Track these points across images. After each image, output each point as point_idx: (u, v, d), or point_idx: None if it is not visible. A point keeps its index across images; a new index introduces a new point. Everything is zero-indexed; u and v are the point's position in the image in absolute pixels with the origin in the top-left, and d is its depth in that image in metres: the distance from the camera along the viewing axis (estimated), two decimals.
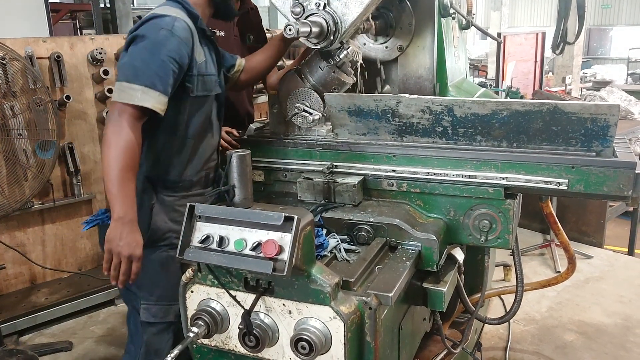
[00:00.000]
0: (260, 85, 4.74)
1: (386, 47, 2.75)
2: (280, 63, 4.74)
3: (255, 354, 1.70)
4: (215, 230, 1.61)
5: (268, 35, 5.06)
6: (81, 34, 9.09)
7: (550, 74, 10.52)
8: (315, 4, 2.13)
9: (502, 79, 7.08)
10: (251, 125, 2.66)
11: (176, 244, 2.05)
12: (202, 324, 1.68)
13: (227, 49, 2.89)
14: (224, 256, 1.58)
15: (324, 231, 2.01)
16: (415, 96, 2.19)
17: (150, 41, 1.98)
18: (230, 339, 1.74)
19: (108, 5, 8.70)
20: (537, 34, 7.97)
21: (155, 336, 2.24)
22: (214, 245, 1.59)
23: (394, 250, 2.00)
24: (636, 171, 1.86)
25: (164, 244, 2.16)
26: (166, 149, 2.15)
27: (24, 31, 4.56)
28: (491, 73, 9.61)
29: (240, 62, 2.50)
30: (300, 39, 2.19)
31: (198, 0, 2.20)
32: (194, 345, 1.86)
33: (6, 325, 3.58)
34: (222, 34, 2.88)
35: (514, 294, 2.50)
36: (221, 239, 1.59)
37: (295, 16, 2.14)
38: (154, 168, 2.14)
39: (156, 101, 1.95)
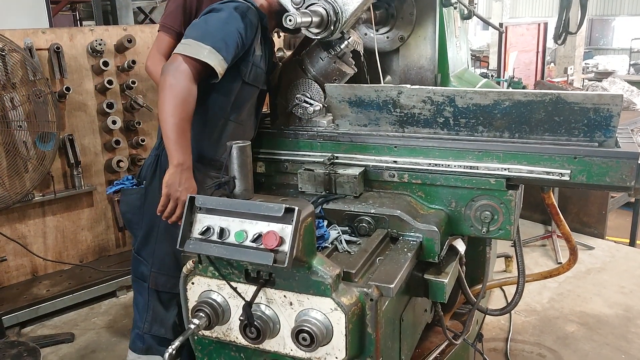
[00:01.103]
0: None
1: (387, 37, 2.73)
2: (280, 54, 4.72)
3: (256, 346, 1.70)
4: (216, 221, 1.60)
5: None
6: (81, 25, 9.05)
7: (552, 64, 10.48)
8: None
9: (504, 70, 7.05)
10: None
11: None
12: (203, 315, 1.68)
13: None
14: (224, 248, 1.58)
15: (325, 222, 2.01)
16: (417, 87, 2.18)
17: (226, 13, 2.13)
18: (231, 331, 1.74)
19: None
20: (539, 24, 7.93)
21: (162, 305, 2.30)
22: (215, 237, 1.59)
23: (395, 241, 2.00)
24: (639, 161, 1.85)
25: None
26: (209, 125, 2.23)
27: (24, 22, 4.53)
28: (493, 64, 9.57)
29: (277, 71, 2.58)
30: (301, 29, 2.18)
31: (265, 9, 2.30)
32: (195, 337, 1.86)
33: (8, 317, 3.59)
34: None
35: (515, 285, 2.50)
36: (222, 230, 1.58)
37: (295, 6, 2.12)
38: (193, 139, 2.14)
39: (219, 64, 2.04)
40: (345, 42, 2.27)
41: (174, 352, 1.59)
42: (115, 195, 2.30)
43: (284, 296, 1.64)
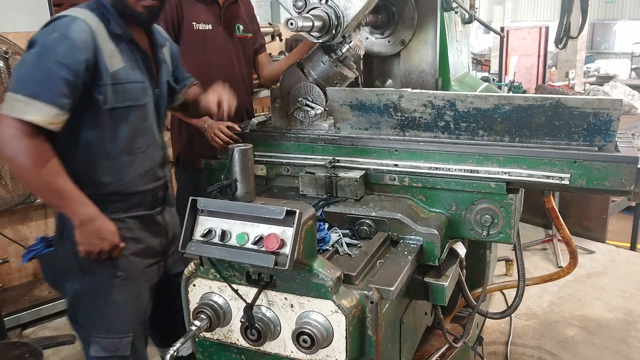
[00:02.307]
0: None
1: (388, 41, 2.74)
2: (275, 55, 4.73)
3: (257, 348, 1.71)
4: (218, 224, 1.61)
5: (270, 29, 5.06)
6: None
7: (554, 68, 10.47)
8: None
9: (505, 74, 7.06)
10: (253, 119, 2.65)
11: (117, 268, 1.98)
12: (204, 317, 1.68)
13: (215, 42, 2.88)
14: (226, 250, 1.58)
15: (326, 225, 2.02)
16: (418, 90, 2.19)
17: (40, 46, 1.78)
18: (232, 333, 1.75)
19: None
20: (540, 29, 7.94)
21: None
22: (216, 239, 1.60)
23: (395, 244, 2.00)
24: (639, 166, 1.86)
25: (102, 269, 1.98)
26: (93, 166, 1.95)
27: (27, 25, 4.54)
28: (494, 67, 9.58)
29: (189, 91, 2.36)
30: (302, 33, 2.19)
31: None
32: (196, 339, 1.86)
33: (10, 319, 3.60)
34: (209, 27, 2.85)
35: (516, 289, 2.50)
36: (223, 232, 1.59)
37: (297, 10, 2.14)
38: (86, 186, 1.90)
39: (42, 114, 1.73)
40: (347, 46, 2.29)
41: (175, 354, 1.60)
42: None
43: (285, 298, 1.65)
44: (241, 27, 3.00)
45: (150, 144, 2.09)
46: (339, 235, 1.96)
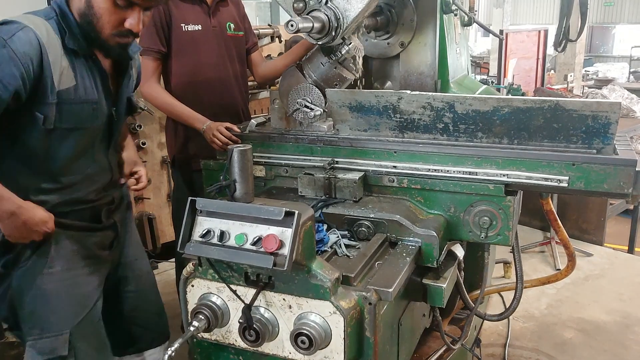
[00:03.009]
0: None
1: (388, 43, 2.75)
2: (274, 56, 4.73)
3: (255, 348, 1.71)
4: (216, 224, 1.61)
5: (269, 31, 5.06)
6: None
7: (552, 71, 10.50)
8: None
9: (504, 76, 7.07)
10: (252, 120, 2.66)
11: (47, 255, 1.82)
12: (203, 318, 1.68)
13: (205, 42, 2.88)
14: (224, 250, 1.59)
15: (325, 226, 2.02)
16: (417, 92, 2.19)
17: None
18: (231, 333, 1.75)
19: None
20: (539, 32, 7.96)
21: None
22: (215, 240, 1.60)
23: (394, 246, 2.00)
24: (637, 169, 1.86)
25: (31, 258, 1.85)
26: (31, 177, 1.83)
27: None
28: (493, 70, 9.60)
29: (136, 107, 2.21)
30: (302, 35, 2.19)
31: (89, 12, 1.76)
32: (194, 340, 1.86)
33: None
34: (199, 27, 2.85)
35: (514, 291, 2.50)
36: (222, 233, 1.59)
37: (297, 12, 2.14)
38: (22, 193, 1.78)
39: None
40: (346, 48, 2.29)
41: (173, 354, 1.60)
42: None
43: (283, 299, 1.65)
44: (232, 25, 2.98)
45: (94, 167, 1.96)
46: (338, 237, 1.96)
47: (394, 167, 2.19)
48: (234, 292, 1.68)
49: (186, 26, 2.81)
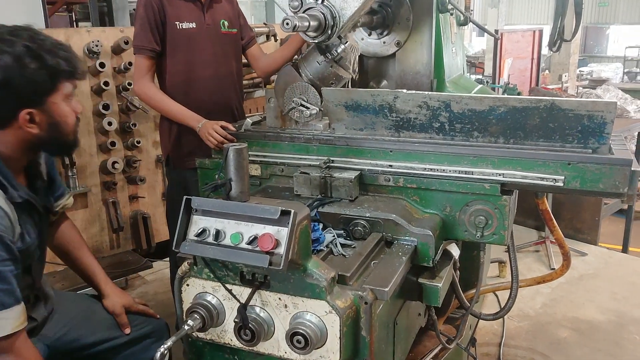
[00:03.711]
0: (258, 80, 4.73)
1: (384, 42, 2.74)
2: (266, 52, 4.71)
3: (250, 348, 1.70)
4: (212, 223, 1.61)
5: (265, 29, 5.05)
6: (77, 26, 9.04)
7: (547, 71, 10.54)
8: None
9: (499, 76, 7.10)
10: (248, 119, 2.65)
11: None
12: (198, 317, 1.68)
13: (200, 40, 2.87)
14: (220, 250, 1.58)
15: (320, 226, 2.02)
16: (413, 91, 2.19)
17: None
18: (226, 333, 1.74)
19: None
20: (534, 32, 7.99)
21: None
22: (210, 239, 1.59)
23: (390, 245, 2.00)
24: (632, 168, 1.87)
25: None
26: None
27: (20, 23, 4.53)
28: (488, 70, 9.63)
29: (66, 202, 2.12)
30: (298, 33, 2.19)
31: (7, 150, 1.73)
32: (189, 339, 1.85)
33: None
34: (193, 25, 2.83)
35: (509, 290, 2.51)
36: (217, 232, 1.58)
37: (293, 10, 2.13)
38: None
39: None
40: (342, 47, 2.28)
41: (165, 352, 1.59)
42: None
43: (279, 299, 1.65)
44: (226, 23, 2.96)
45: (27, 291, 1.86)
46: (334, 236, 1.96)
47: (390, 166, 2.19)
48: (230, 291, 1.68)
49: (180, 24, 2.80)
